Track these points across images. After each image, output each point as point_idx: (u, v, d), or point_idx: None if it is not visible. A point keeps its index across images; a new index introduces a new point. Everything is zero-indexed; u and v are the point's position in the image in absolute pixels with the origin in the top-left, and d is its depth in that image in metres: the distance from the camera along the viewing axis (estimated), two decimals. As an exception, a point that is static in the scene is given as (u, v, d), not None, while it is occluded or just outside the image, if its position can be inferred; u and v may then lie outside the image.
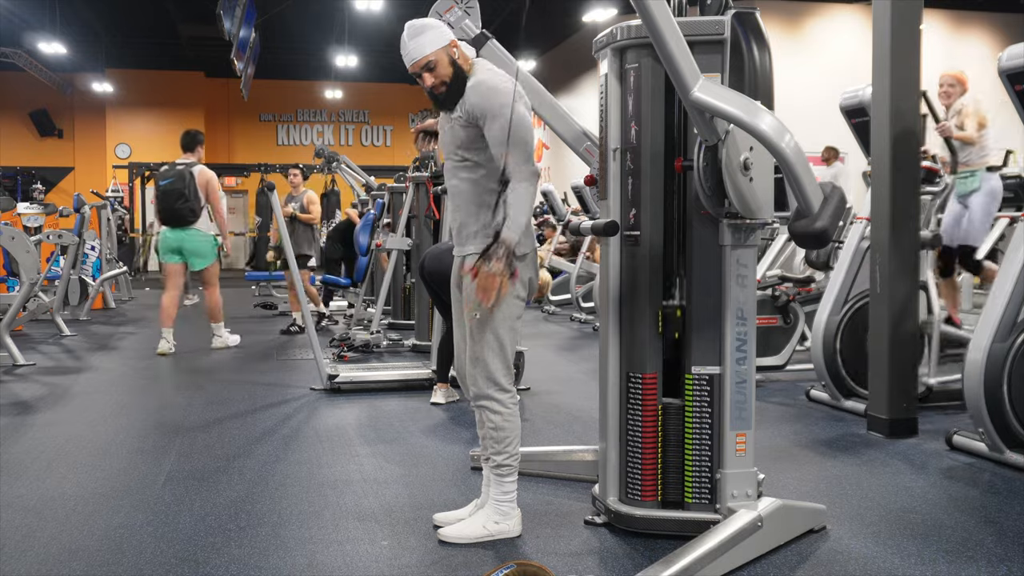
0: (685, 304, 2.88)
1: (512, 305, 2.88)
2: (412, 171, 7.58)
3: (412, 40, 2.85)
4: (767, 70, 2.79)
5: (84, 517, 3.16)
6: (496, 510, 2.92)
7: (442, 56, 2.84)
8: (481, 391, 2.89)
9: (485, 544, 2.87)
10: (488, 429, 2.91)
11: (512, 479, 2.93)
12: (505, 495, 2.92)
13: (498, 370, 2.87)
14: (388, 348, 7.14)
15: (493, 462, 2.92)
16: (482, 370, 2.87)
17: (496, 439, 2.89)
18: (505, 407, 2.89)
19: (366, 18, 16.29)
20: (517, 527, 2.94)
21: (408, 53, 2.86)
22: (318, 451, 4.10)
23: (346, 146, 22.79)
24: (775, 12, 14.44)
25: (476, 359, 2.88)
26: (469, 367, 2.92)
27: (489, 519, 2.91)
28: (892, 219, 4.25)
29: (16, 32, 17.12)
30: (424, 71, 2.84)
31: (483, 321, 2.84)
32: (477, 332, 2.86)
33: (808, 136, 5.06)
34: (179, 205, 7.11)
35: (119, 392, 5.70)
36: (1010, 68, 3.82)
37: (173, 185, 7.11)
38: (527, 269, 2.92)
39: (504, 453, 2.89)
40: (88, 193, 13.29)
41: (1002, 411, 3.70)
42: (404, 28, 2.89)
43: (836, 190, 2.63)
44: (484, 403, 2.90)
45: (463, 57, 2.90)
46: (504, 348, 2.87)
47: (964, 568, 2.66)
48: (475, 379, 2.89)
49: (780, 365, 5.74)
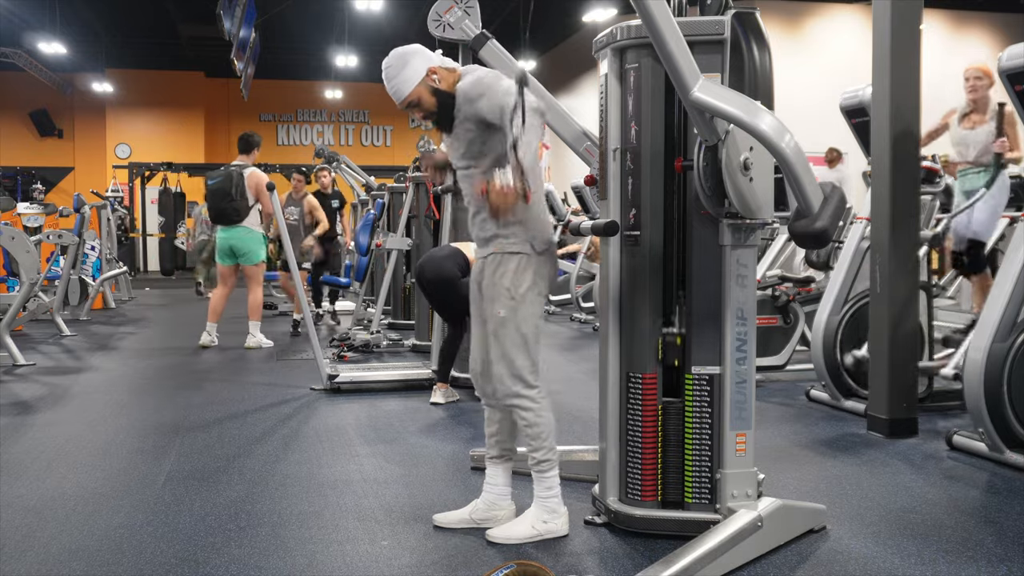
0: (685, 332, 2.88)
1: (535, 302, 2.90)
2: (412, 171, 7.58)
3: (390, 83, 2.94)
4: (767, 70, 2.79)
5: (84, 517, 3.16)
6: (543, 508, 2.91)
7: (421, 91, 2.91)
8: (509, 389, 2.89)
9: (485, 544, 2.87)
10: (522, 427, 2.92)
11: (553, 473, 2.92)
12: (549, 491, 2.91)
13: (524, 366, 2.88)
14: (388, 348, 7.14)
15: (532, 460, 2.92)
16: (508, 367, 2.87)
17: (532, 436, 2.89)
18: (535, 403, 2.89)
19: (366, 18, 16.30)
20: (565, 526, 2.93)
21: (390, 92, 2.95)
22: (318, 451, 4.10)
23: (346, 146, 22.78)
24: (775, 12, 14.45)
25: (501, 357, 2.88)
26: (495, 366, 2.91)
27: (537, 519, 2.90)
28: (892, 219, 4.25)
29: (16, 32, 17.12)
30: (410, 108, 2.95)
31: (507, 318, 2.86)
32: (501, 330, 2.87)
33: (808, 136, 5.06)
34: (224, 204, 7.34)
35: (119, 392, 5.70)
36: (1010, 68, 3.83)
37: (220, 185, 7.35)
38: (547, 265, 2.94)
39: (542, 449, 2.90)
40: (88, 193, 13.30)
41: (1002, 411, 3.70)
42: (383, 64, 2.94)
43: (836, 190, 2.63)
44: (514, 401, 2.90)
45: (445, 77, 2.92)
46: (529, 344, 2.89)
47: (964, 568, 2.66)
48: (501, 378, 2.89)
49: (780, 365, 5.75)
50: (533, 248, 2.88)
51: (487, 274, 2.93)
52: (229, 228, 7.42)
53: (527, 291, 2.87)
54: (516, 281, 2.86)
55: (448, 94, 2.90)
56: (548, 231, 2.94)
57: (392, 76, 2.92)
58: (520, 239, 2.87)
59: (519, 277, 2.87)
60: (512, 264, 2.87)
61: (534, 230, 2.88)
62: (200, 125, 21.64)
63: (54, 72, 19.94)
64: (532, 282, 2.88)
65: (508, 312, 2.86)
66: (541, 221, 2.92)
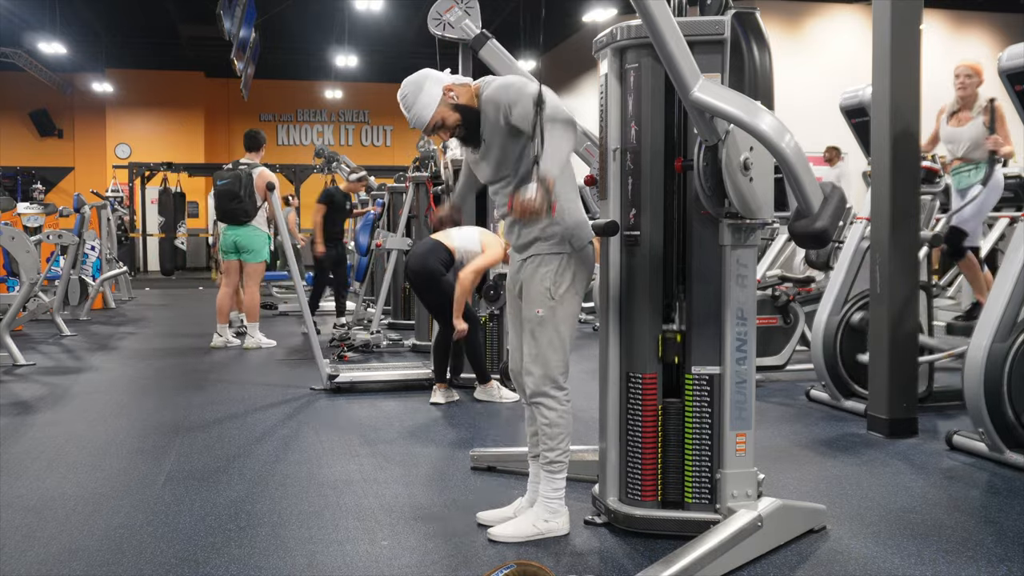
0: (685, 329, 2.88)
1: (572, 303, 2.93)
2: (412, 171, 7.58)
3: (409, 112, 2.95)
4: (767, 70, 2.79)
5: (84, 517, 3.16)
6: (546, 508, 2.94)
7: (443, 111, 2.92)
8: (538, 388, 2.91)
9: (485, 544, 2.87)
10: (541, 425, 2.94)
11: (562, 476, 2.95)
12: (555, 492, 2.94)
13: (557, 368, 2.91)
14: (388, 348, 7.14)
15: (544, 459, 2.95)
16: (542, 367, 2.90)
17: (549, 435, 2.92)
18: (560, 404, 2.92)
19: (366, 18, 16.29)
20: (565, 525, 2.95)
21: (411, 122, 2.96)
22: (318, 451, 4.10)
23: (346, 146, 22.77)
24: (775, 12, 14.44)
25: (536, 357, 2.90)
26: (529, 365, 2.93)
27: (539, 517, 2.93)
28: (892, 219, 4.25)
29: (16, 32, 17.11)
30: (435, 132, 2.95)
31: (546, 318, 2.88)
32: (539, 330, 2.89)
33: (808, 136, 5.06)
34: (233, 205, 7.34)
35: (119, 392, 5.70)
36: (1010, 68, 3.83)
37: (228, 187, 7.34)
38: (586, 263, 2.95)
39: (557, 450, 2.92)
40: (88, 193, 13.29)
41: (1002, 411, 3.70)
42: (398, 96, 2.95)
43: (836, 190, 2.63)
44: (540, 400, 2.92)
45: (462, 93, 2.93)
46: (565, 345, 2.91)
47: (964, 568, 2.66)
48: (534, 377, 2.92)
49: (780, 365, 5.75)
50: (572, 247, 2.90)
51: (526, 275, 2.94)
52: (238, 227, 7.43)
53: (566, 291, 2.90)
54: (557, 281, 2.89)
55: (470, 108, 2.92)
56: (585, 229, 2.95)
57: (410, 105, 2.93)
58: (559, 239, 2.88)
59: (560, 278, 2.89)
60: (553, 265, 2.89)
61: (572, 229, 2.89)
62: (200, 125, 21.63)
63: (54, 72, 19.93)
64: (571, 282, 2.91)
65: (547, 312, 2.88)
66: (578, 220, 2.92)
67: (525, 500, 3.08)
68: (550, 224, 2.86)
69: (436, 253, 4.98)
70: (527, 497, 3.08)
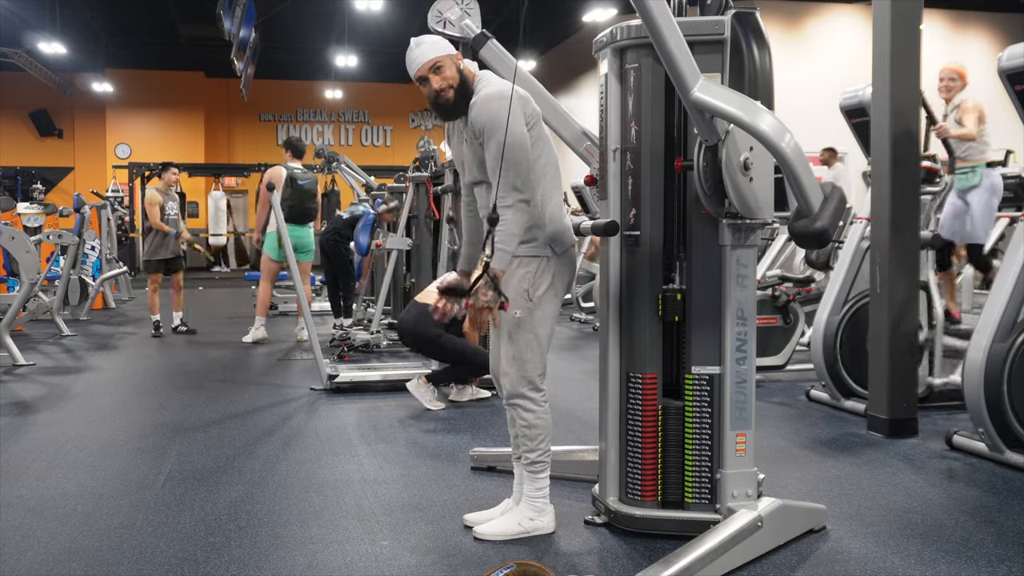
0: (685, 288, 2.88)
1: (551, 305, 2.93)
2: (412, 171, 7.57)
3: (418, 47, 2.89)
4: (767, 70, 2.79)
5: (84, 517, 3.16)
6: (531, 507, 2.95)
7: (448, 61, 2.88)
8: (515, 390, 2.92)
9: (485, 544, 2.87)
10: (520, 427, 2.94)
11: (544, 475, 2.96)
12: (538, 491, 2.95)
13: (534, 370, 2.91)
14: (388, 348, 7.14)
15: (526, 459, 2.95)
16: (519, 369, 2.90)
17: (529, 436, 2.93)
18: (538, 405, 2.93)
19: (366, 18, 16.29)
20: (551, 524, 2.97)
21: (414, 60, 2.89)
22: (318, 451, 4.10)
23: (346, 146, 22.77)
24: (775, 12, 14.44)
25: (514, 359, 2.90)
26: (506, 367, 2.93)
27: (524, 516, 2.94)
28: (892, 219, 4.25)
29: (16, 32, 17.10)
30: (431, 72, 2.86)
31: (523, 320, 2.88)
32: (516, 332, 2.89)
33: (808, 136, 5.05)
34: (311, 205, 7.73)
35: (119, 392, 5.70)
36: (1010, 68, 3.83)
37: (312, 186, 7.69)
38: (566, 266, 2.95)
39: (537, 450, 2.93)
40: (88, 193, 13.30)
41: (1002, 411, 3.70)
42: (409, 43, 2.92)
43: (836, 190, 2.63)
44: (517, 401, 2.93)
45: (467, 69, 2.92)
46: (542, 347, 2.92)
47: (964, 568, 2.66)
48: (510, 379, 2.92)
49: (780, 365, 5.74)
50: (553, 250, 2.90)
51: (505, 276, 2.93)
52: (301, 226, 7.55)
53: (545, 293, 2.90)
54: (536, 283, 2.89)
55: (468, 81, 2.89)
56: (567, 233, 2.95)
57: (419, 43, 2.88)
58: (540, 242, 2.89)
59: (539, 279, 2.89)
60: (532, 266, 2.89)
61: (553, 233, 2.90)
62: (200, 125, 21.63)
63: (54, 72, 19.92)
64: (550, 284, 2.91)
65: (525, 313, 2.88)
66: (559, 223, 2.92)
67: (511, 502, 3.08)
68: (532, 228, 2.85)
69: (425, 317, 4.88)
70: (513, 499, 3.08)
